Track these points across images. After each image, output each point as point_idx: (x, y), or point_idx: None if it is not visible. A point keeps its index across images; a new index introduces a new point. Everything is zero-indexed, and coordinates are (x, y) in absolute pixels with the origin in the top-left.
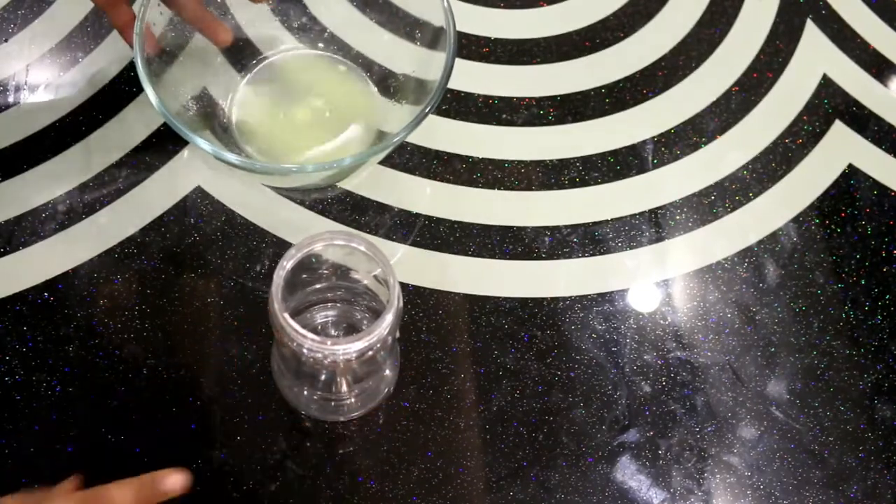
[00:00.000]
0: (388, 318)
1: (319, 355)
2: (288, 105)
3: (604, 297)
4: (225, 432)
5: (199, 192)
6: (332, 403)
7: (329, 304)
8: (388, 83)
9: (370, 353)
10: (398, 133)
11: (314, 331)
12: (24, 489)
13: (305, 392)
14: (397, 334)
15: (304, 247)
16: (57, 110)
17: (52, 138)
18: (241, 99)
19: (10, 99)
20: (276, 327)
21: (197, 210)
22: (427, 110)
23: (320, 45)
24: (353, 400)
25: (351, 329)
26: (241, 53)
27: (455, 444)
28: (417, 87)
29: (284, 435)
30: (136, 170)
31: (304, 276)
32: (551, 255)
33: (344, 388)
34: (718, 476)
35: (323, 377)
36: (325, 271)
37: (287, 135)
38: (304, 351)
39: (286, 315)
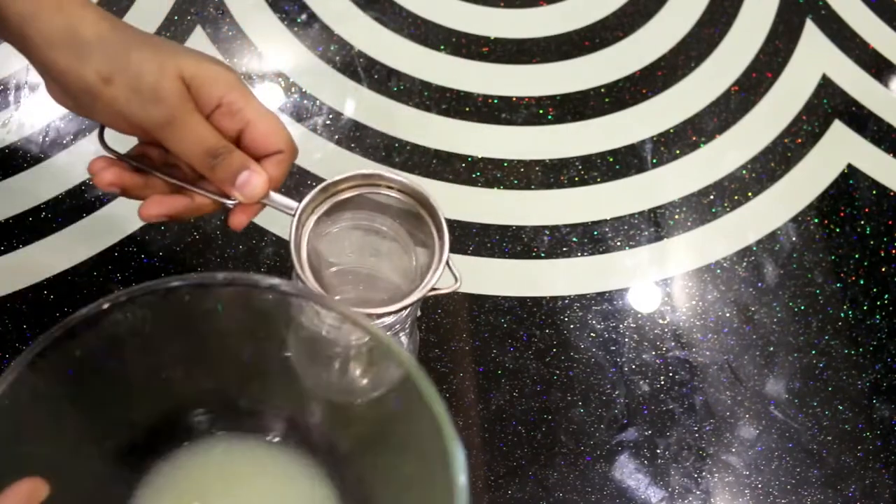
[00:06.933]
0: (414, 297)
1: (339, 330)
2: None
3: (603, 297)
4: None
5: None
6: (350, 385)
7: (349, 288)
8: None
9: (388, 332)
10: None
11: None
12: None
13: (323, 375)
14: (418, 313)
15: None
16: (57, 109)
17: (52, 136)
18: None
19: (11, 98)
20: None
21: None
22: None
23: None
24: (369, 381)
25: None
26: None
27: None
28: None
29: None
30: None
31: (327, 257)
32: (550, 255)
33: (361, 369)
34: (717, 475)
35: (340, 359)
36: (349, 254)
37: None
38: (325, 328)
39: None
